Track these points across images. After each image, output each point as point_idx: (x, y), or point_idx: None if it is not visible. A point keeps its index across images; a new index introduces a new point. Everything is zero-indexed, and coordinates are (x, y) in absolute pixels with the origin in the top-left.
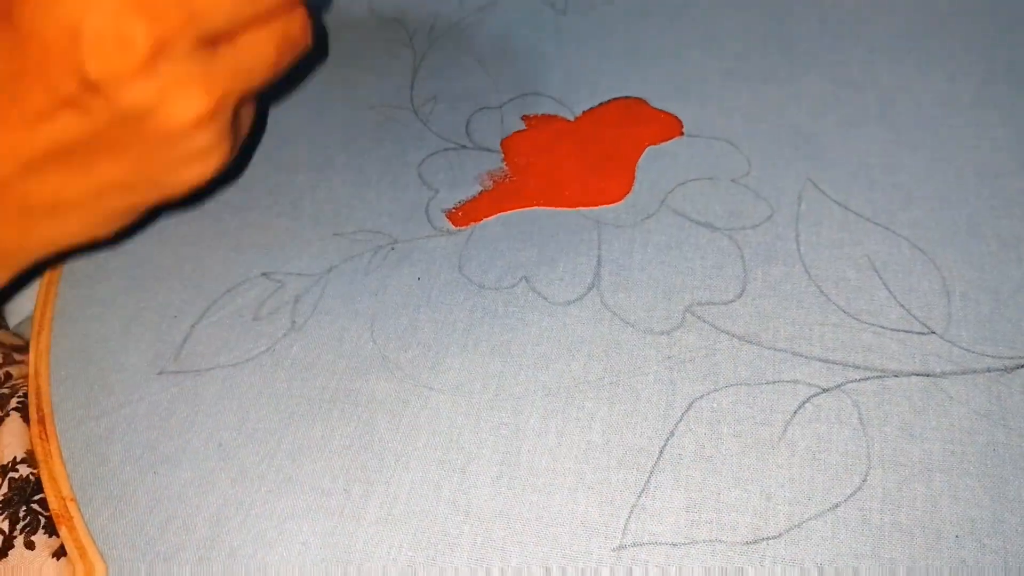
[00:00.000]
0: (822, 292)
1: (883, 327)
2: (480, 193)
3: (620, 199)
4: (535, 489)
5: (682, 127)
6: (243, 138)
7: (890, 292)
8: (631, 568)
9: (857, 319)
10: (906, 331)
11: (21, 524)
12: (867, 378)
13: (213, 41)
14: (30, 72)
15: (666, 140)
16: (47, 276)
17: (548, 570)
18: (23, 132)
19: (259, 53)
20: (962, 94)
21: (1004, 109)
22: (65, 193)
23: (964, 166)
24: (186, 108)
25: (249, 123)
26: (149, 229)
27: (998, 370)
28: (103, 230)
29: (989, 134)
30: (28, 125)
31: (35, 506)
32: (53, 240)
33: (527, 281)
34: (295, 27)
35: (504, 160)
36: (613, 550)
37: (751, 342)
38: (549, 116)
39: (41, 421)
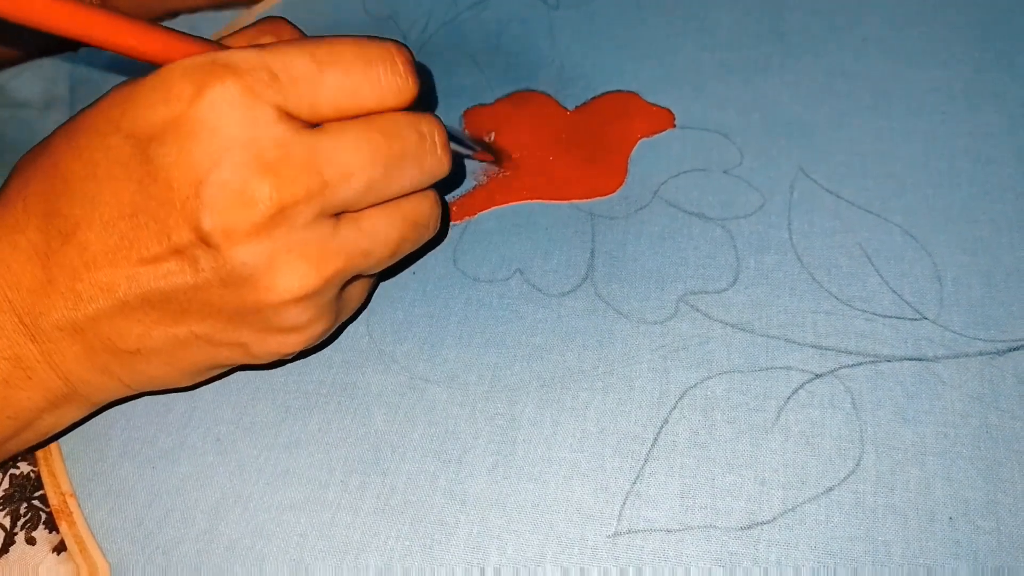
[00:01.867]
0: (815, 279)
1: (876, 313)
2: (474, 188)
3: (613, 191)
4: (530, 478)
5: (674, 119)
6: (350, 313)
7: (882, 278)
8: (626, 554)
9: (850, 306)
10: (898, 317)
11: (22, 520)
12: (860, 363)
13: (337, 215)
14: (149, 212)
15: (658, 132)
16: None
17: (543, 557)
18: (127, 271)
19: (382, 235)
20: (954, 82)
21: (997, 96)
22: (150, 340)
23: (956, 153)
24: (290, 282)
25: (357, 303)
26: None
27: (990, 353)
28: (180, 381)
29: (981, 121)
30: (132, 264)
31: (36, 502)
32: (130, 383)
33: (521, 273)
34: (425, 213)
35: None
36: (608, 537)
37: (744, 330)
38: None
39: None
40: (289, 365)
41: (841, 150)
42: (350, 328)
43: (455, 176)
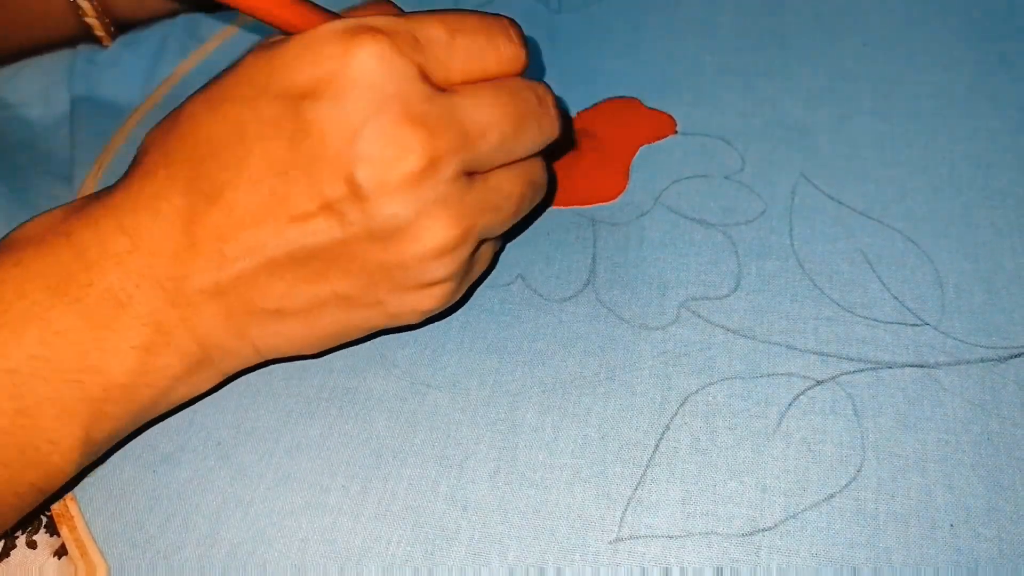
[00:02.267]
0: (816, 286)
1: (877, 319)
2: None
3: (615, 197)
4: (532, 484)
5: (675, 125)
6: (478, 275)
7: (884, 285)
8: (628, 560)
9: (851, 312)
10: (900, 323)
11: (23, 524)
12: (861, 370)
13: (471, 172)
14: (300, 167)
15: (660, 138)
16: None
17: (544, 566)
18: (275, 229)
19: (508, 192)
20: (955, 86)
21: (998, 100)
22: (292, 299)
23: (958, 158)
24: (434, 235)
25: (485, 265)
26: None
27: (992, 360)
28: (313, 346)
29: (983, 125)
30: (281, 222)
31: None
32: (263, 348)
33: (523, 279)
34: (539, 173)
35: None
36: (610, 543)
37: (746, 336)
38: None
39: None
40: (289, 370)
41: (842, 155)
42: None
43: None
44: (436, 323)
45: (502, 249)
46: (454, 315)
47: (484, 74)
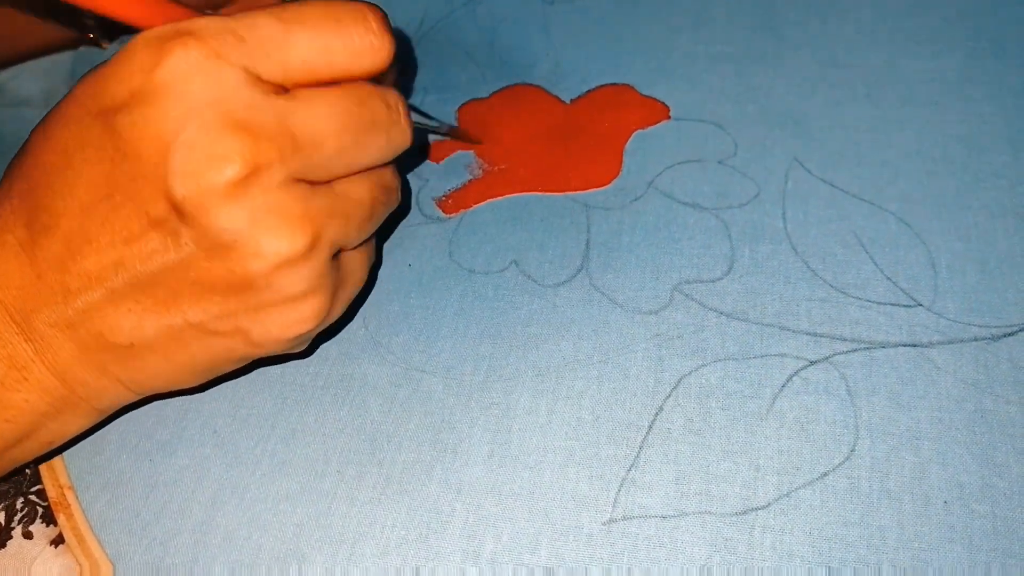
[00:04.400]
0: (809, 268)
1: (870, 300)
2: (469, 181)
3: (608, 183)
4: (526, 466)
5: (669, 111)
6: (352, 290)
7: (877, 266)
8: (621, 540)
9: (844, 293)
10: (893, 304)
11: (19, 515)
12: (855, 350)
13: (310, 181)
14: (123, 189)
15: (653, 124)
16: None
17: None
18: (111, 257)
19: (358, 198)
20: (948, 70)
21: (990, 84)
22: (142, 332)
23: (950, 141)
24: (276, 244)
25: (358, 279)
26: None
27: (985, 339)
28: (183, 380)
29: (975, 109)
30: (116, 248)
31: (33, 497)
32: (130, 384)
33: (517, 265)
34: (389, 179)
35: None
36: (604, 524)
37: (739, 318)
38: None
39: None
40: (283, 357)
41: (835, 139)
42: (346, 320)
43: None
44: (430, 310)
45: (377, 263)
46: (448, 302)
47: (333, 68)
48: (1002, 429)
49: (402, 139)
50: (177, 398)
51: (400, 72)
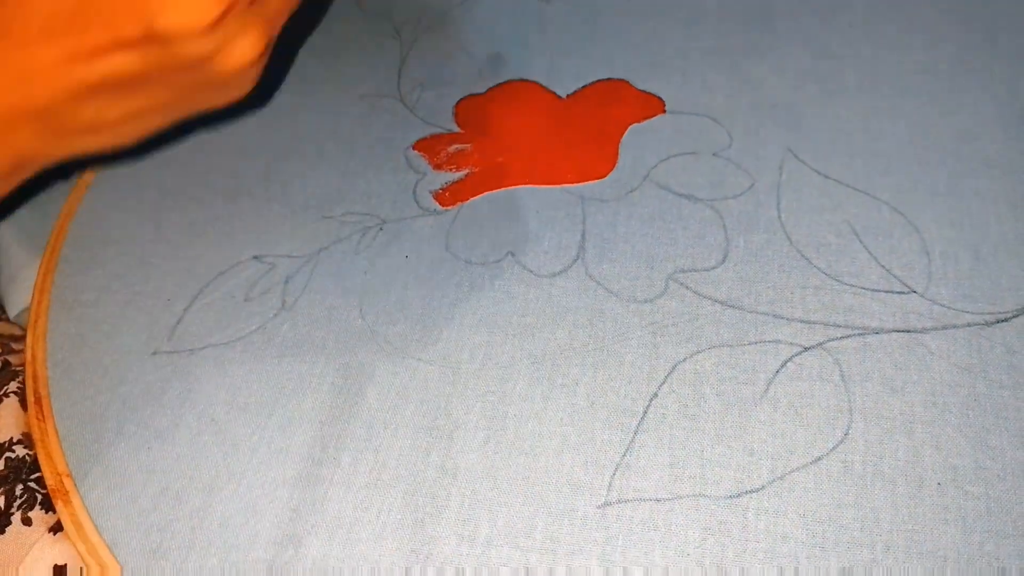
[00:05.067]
0: (803, 256)
1: (864, 288)
2: (466, 174)
3: (604, 176)
4: (521, 451)
5: (664, 105)
6: (273, 20)
7: (871, 254)
8: (616, 524)
9: (838, 281)
10: (887, 291)
11: (18, 501)
12: (848, 336)
13: None
14: (95, 5)
15: (649, 118)
16: (43, 265)
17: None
18: (77, 63)
19: None
20: (940, 61)
21: (982, 74)
22: (105, 116)
23: (943, 130)
24: (247, 52)
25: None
26: (142, 217)
27: (979, 324)
28: (131, 142)
29: (967, 99)
30: (83, 58)
31: (32, 484)
32: (79, 151)
33: (513, 256)
34: None
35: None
36: (598, 507)
37: (733, 306)
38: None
39: (38, 402)
40: (282, 348)
41: (828, 131)
42: (344, 310)
43: None
44: (427, 300)
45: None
46: (444, 292)
47: None
48: (995, 412)
49: None
50: (176, 388)
51: None
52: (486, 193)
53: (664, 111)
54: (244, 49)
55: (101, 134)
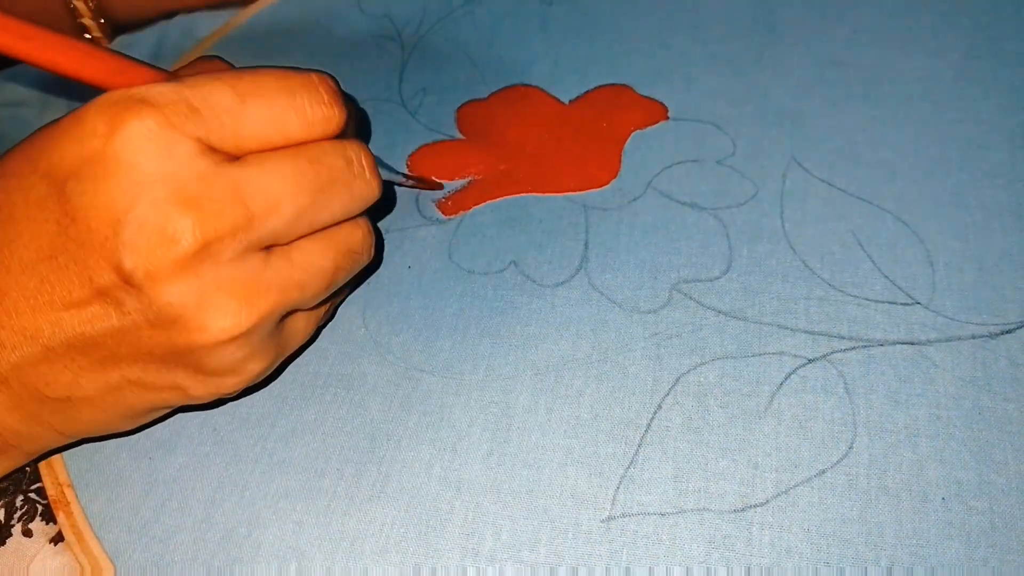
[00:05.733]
0: (807, 267)
1: (868, 299)
2: (469, 183)
3: (607, 183)
4: (525, 464)
5: (667, 112)
6: (291, 349)
7: (875, 264)
8: (620, 538)
9: (842, 292)
10: (891, 302)
11: (19, 513)
12: (852, 348)
13: (267, 248)
14: (68, 253)
15: (652, 125)
16: None
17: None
18: (49, 316)
19: (315, 265)
20: (945, 70)
21: (987, 83)
22: (80, 388)
23: (947, 140)
24: (222, 321)
25: (302, 338)
26: None
27: (983, 337)
28: (119, 426)
29: (972, 108)
30: (55, 309)
31: (32, 495)
32: (65, 431)
33: (516, 265)
34: (358, 240)
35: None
36: (602, 521)
37: (737, 317)
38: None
39: None
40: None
41: (833, 139)
42: (346, 320)
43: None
44: (430, 310)
45: (332, 314)
46: (447, 302)
47: (287, 140)
48: (1000, 426)
49: (368, 191)
50: None
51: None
52: (489, 202)
53: (667, 118)
54: (222, 316)
55: (80, 411)
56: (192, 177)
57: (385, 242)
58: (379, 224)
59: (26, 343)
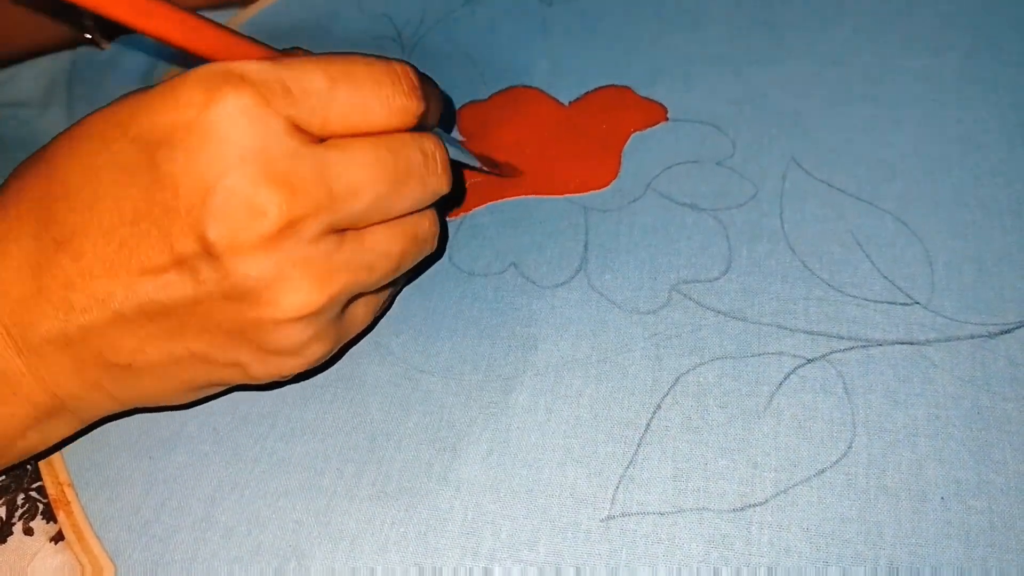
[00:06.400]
0: (806, 267)
1: (867, 299)
2: (469, 184)
3: (606, 185)
4: (524, 464)
5: (666, 113)
6: (352, 335)
7: (874, 265)
8: (620, 537)
9: (842, 292)
10: (890, 302)
11: (19, 511)
12: (852, 348)
13: (341, 230)
14: (152, 219)
15: (651, 126)
16: None
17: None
18: (124, 281)
19: (386, 250)
20: (945, 69)
21: (987, 83)
22: (144, 355)
23: (947, 140)
24: (295, 299)
25: (363, 324)
26: None
27: (982, 337)
28: (175, 398)
29: (972, 108)
30: (132, 274)
31: (33, 493)
32: (122, 398)
33: (516, 267)
34: (425, 228)
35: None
36: (602, 521)
37: (736, 317)
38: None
39: None
40: None
41: (832, 139)
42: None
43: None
44: (430, 311)
45: (390, 303)
46: (447, 303)
47: (369, 127)
48: (999, 426)
49: (439, 185)
50: None
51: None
52: (488, 203)
53: (667, 119)
54: (296, 293)
55: (141, 379)
56: (282, 155)
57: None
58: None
59: (97, 306)
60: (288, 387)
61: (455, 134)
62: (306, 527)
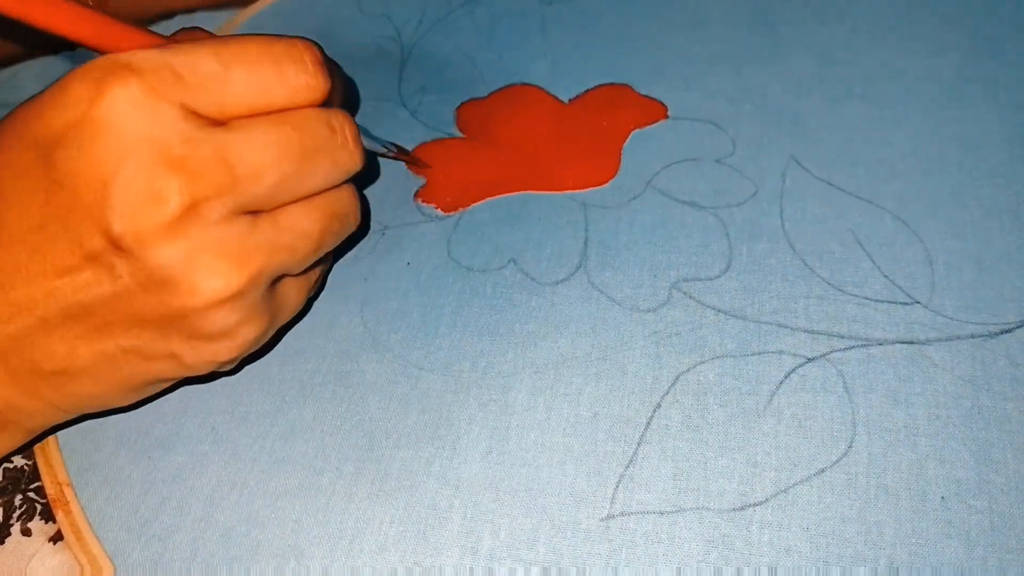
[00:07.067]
0: (807, 265)
1: (867, 298)
2: (469, 180)
3: (606, 182)
4: (524, 462)
5: (666, 111)
6: (287, 316)
7: (874, 263)
8: (619, 536)
9: (842, 291)
10: (890, 301)
11: (17, 512)
12: (852, 347)
13: (252, 212)
14: (58, 220)
15: (651, 124)
16: None
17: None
18: (42, 285)
19: (304, 229)
20: (945, 69)
21: (986, 83)
22: (77, 358)
23: (947, 139)
24: (213, 282)
25: (295, 306)
26: None
27: (982, 336)
28: (117, 399)
29: (972, 107)
30: (48, 278)
31: (31, 494)
32: (63, 405)
33: (515, 263)
34: (344, 204)
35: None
36: (601, 520)
37: (736, 316)
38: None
39: None
40: (283, 356)
41: (832, 138)
42: (344, 317)
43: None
44: (428, 307)
45: (322, 284)
46: (446, 299)
47: (271, 106)
48: (999, 425)
49: (351, 161)
50: (175, 397)
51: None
52: (488, 199)
53: (666, 117)
54: (212, 276)
55: (79, 383)
56: (177, 140)
57: (384, 239)
58: (380, 219)
59: (21, 315)
60: (287, 385)
61: (454, 134)
62: (305, 526)
